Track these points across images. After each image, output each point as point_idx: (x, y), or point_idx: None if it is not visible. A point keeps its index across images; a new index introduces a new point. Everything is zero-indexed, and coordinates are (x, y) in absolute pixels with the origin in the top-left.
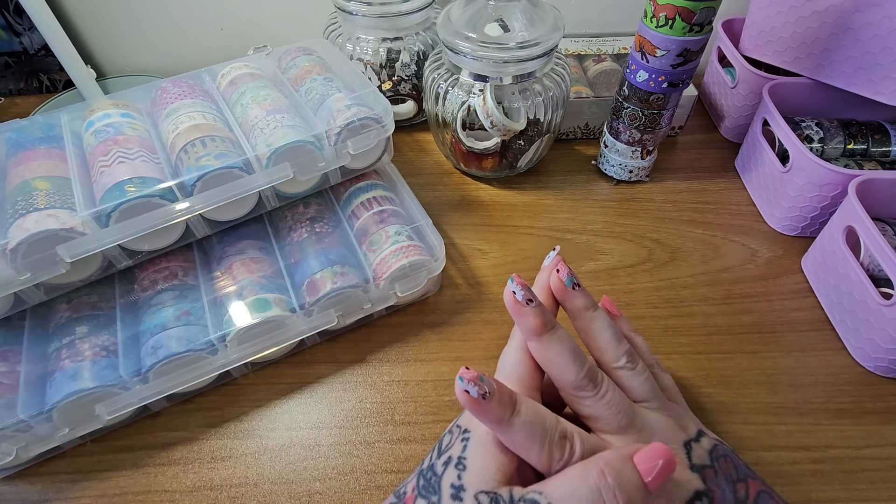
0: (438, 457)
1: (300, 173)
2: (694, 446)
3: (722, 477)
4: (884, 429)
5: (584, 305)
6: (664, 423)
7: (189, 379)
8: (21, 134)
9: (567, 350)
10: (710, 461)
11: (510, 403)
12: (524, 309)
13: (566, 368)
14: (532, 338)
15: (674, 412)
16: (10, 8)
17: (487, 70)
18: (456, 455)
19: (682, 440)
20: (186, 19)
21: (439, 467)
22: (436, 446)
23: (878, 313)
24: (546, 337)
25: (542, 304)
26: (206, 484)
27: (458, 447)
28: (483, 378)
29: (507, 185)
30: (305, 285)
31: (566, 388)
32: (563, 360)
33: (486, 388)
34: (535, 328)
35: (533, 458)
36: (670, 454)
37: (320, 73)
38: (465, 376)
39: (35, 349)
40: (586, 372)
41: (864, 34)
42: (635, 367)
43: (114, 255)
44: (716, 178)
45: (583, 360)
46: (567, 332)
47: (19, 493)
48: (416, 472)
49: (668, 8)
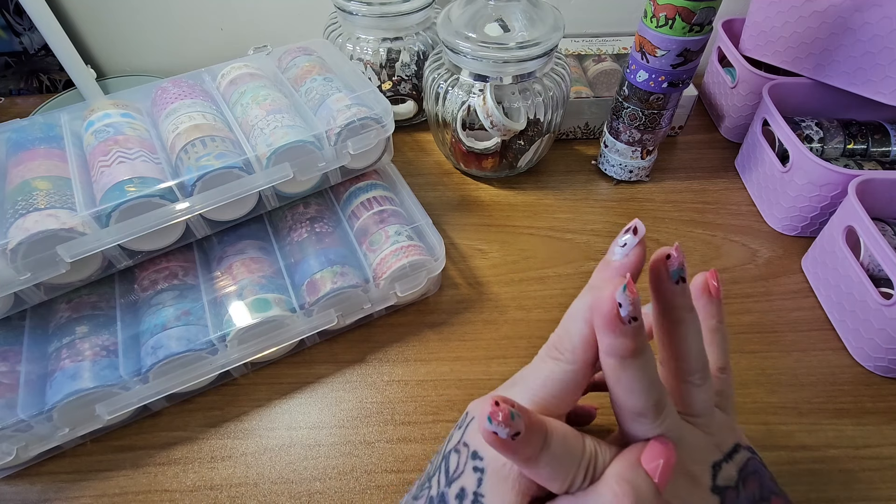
0: (448, 485)
1: (300, 173)
2: (724, 466)
3: (744, 497)
4: (884, 429)
5: (682, 305)
6: (699, 440)
7: (189, 379)
8: (21, 134)
9: (647, 378)
10: (737, 482)
11: (540, 438)
12: (624, 328)
13: (638, 395)
14: (614, 357)
15: (716, 427)
16: (10, 8)
17: (487, 70)
18: (471, 490)
19: (711, 461)
20: (186, 19)
21: (452, 501)
22: (441, 465)
23: (878, 313)
24: (632, 361)
25: (643, 324)
26: (207, 483)
27: (470, 479)
28: (514, 416)
29: (507, 185)
30: (305, 285)
31: (626, 411)
32: (639, 386)
33: (517, 427)
34: (626, 351)
35: (555, 488)
36: (670, 450)
37: (320, 73)
38: (494, 417)
39: (35, 349)
40: (655, 402)
41: (864, 34)
42: (704, 384)
43: (114, 255)
44: (716, 178)
45: (657, 389)
46: (654, 357)
47: (19, 492)
48: (426, 499)
49: (668, 8)
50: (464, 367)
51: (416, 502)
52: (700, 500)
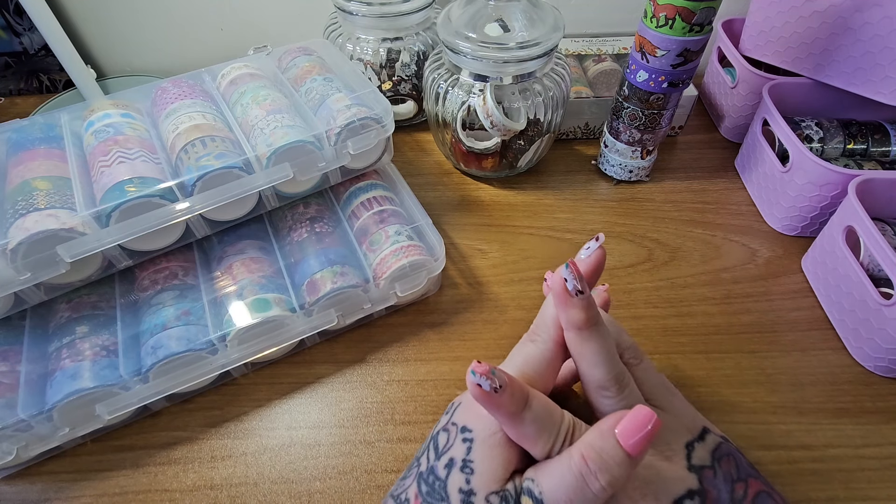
0: (437, 458)
1: (300, 173)
2: (696, 446)
3: (721, 477)
4: (883, 428)
5: (582, 320)
6: (668, 420)
7: (189, 379)
8: (21, 134)
9: (606, 351)
10: (711, 461)
11: (522, 397)
12: (573, 300)
13: (599, 365)
14: (572, 330)
15: (679, 411)
16: (10, 8)
17: (487, 70)
18: (460, 458)
19: (684, 441)
20: (186, 19)
21: (441, 471)
22: (429, 444)
23: (878, 313)
24: (587, 332)
25: (591, 297)
26: (207, 483)
27: (460, 448)
28: (495, 371)
29: (507, 185)
30: (305, 285)
31: (591, 385)
32: (599, 358)
33: (499, 381)
34: (579, 321)
35: (537, 451)
36: (654, 418)
37: (320, 73)
38: (477, 370)
39: (35, 349)
40: (616, 374)
41: (864, 34)
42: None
43: (114, 255)
44: (716, 178)
45: (616, 361)
46: (610, 335)
47: (19, 492)
48: (415, 476)
49: (668, 8)
50: (464, 367)
51: (405, 482)
52: (676, 476)
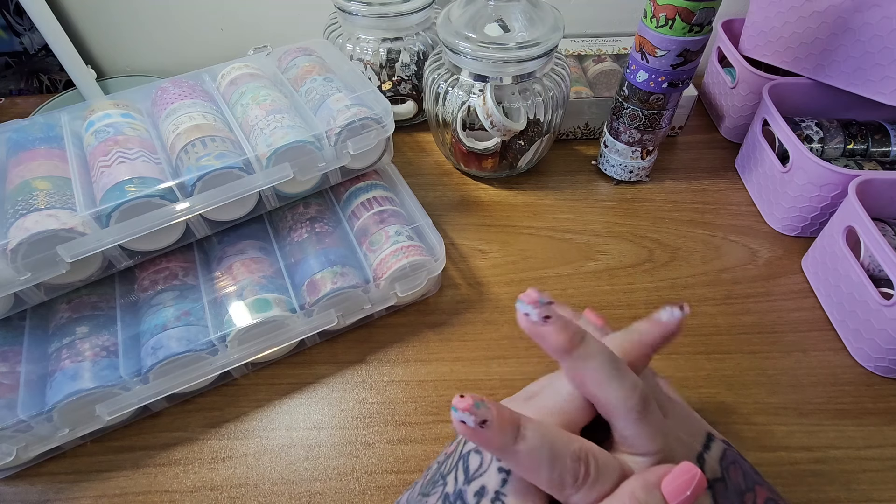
0: (467, 482)
1: (300, 173)
2: (706, 458)
3: (732, 489)
4: (884, 429)
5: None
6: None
7: (189, 379)
8: (21, 134)
9: (604, 362)
10: (721, 472)
11: (512, 428)
12: (542, 329)
13: (606, 383)
14: (563, 358)
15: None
16: (11, 8)
17: (487, 70)
18: (492, 489)
19: (694, 455)
20: (186, 19)
21: (470, 498)
22: (459, 463)
23: (879, 313)
24: (576, 352)
25: (563, 317)
26: (207, 484)
27: (494, 478)
28: (479, 404)
29: (507, 185)
30: (305, 285)
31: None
32: (601, 374)
33: (484, 415)
34: (560, 345)
35: (542, 483)
36: (700, 476)
37: (320, 73)
38: (458, 406)
39: (35, 349)
40: (631, 385)
41: (864, 34)
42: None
43: (114, 255)
44: (716, 178)
45: (624, 372)
46: (600, 343)
47: (19, 493)
48: (440, 496)
49: (668, 8)
50: (464, 368)
51: (428, 499)
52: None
